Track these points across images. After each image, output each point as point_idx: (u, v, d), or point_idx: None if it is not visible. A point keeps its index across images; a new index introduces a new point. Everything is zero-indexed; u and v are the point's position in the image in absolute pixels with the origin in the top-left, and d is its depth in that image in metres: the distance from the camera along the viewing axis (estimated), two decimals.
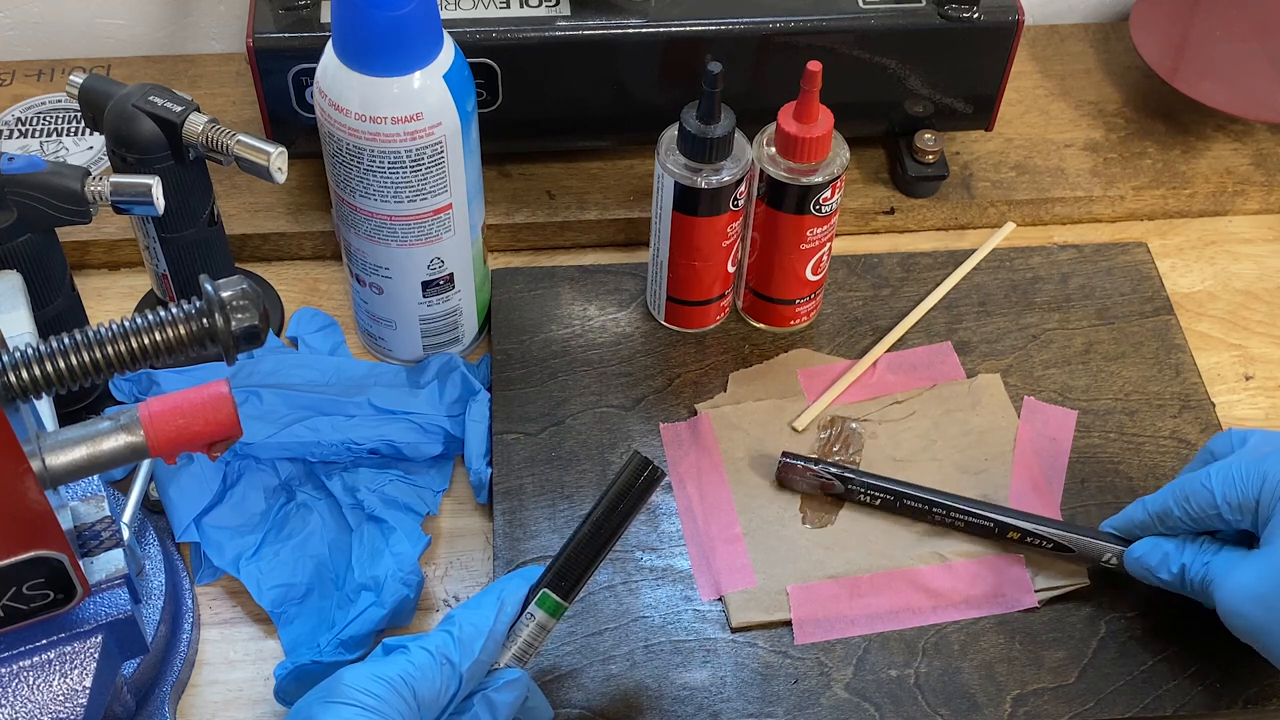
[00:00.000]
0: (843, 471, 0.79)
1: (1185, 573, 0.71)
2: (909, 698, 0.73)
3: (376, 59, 0.73)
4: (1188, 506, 0.71)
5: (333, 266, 0.94)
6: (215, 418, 0.55)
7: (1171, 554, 0.72)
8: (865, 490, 0.79)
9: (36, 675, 0.59)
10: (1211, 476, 0.71)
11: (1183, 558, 0.72)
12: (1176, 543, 0.73)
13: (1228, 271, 0.97)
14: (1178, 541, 0.73)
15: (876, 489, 0.79)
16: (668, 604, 0.76)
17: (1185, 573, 0.71)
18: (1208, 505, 0.70)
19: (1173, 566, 0.72)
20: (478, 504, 0.82)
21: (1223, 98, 0.96)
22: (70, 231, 0.88)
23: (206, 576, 0.78)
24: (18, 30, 1.03)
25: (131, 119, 0.76)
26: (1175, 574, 0.72)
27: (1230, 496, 0.69)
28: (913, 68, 0.91)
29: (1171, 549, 0.72)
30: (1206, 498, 0.70)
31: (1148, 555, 0.73)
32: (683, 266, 0.84)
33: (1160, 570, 0.73)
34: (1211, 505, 0.70)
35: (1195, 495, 0.71)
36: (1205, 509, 0.70)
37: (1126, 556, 0.74)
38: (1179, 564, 0.72)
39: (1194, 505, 0.71)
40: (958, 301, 0.91)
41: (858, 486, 0.79)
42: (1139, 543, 0.74)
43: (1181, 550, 0.72)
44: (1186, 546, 0.72)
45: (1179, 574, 0.72)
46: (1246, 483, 0.69)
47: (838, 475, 0.79)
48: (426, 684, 0.61)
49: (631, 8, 0.88)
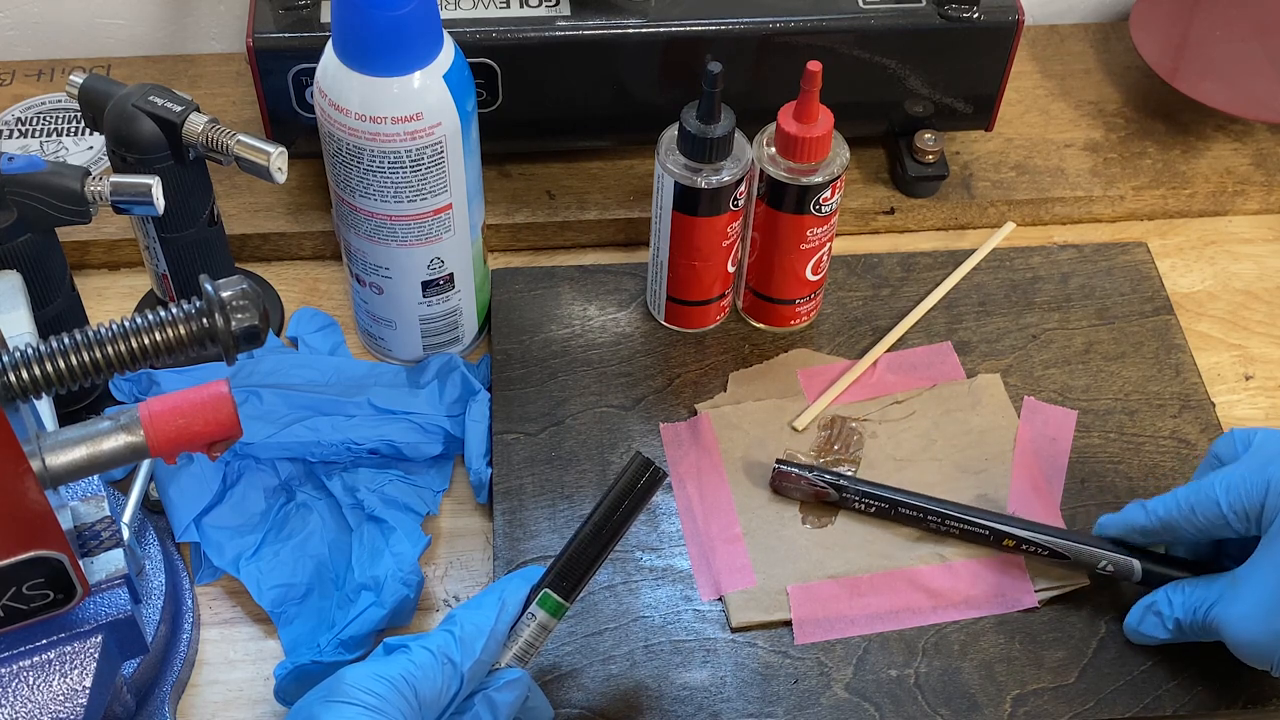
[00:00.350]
0: (837, 479, 0.79)
1: (1181, 625, 0.72)
2: (909, 698, 0.73)
3: (376, 59, 0.73)
4: (1194, 518, 0.71)
5: (333, 266, 0.94)
6: (215, 418, 0.55)
7: (1164, 613, 0.72)
8: (860, 498, 0.79)
9: (36, 675, 0.59)
10: (1216, 486, 0.70)
11: (1174, 613, 0.72)
12: (1164, 597, 0.73)
13: (1228, 271, 0.97)
14: (1164, 597, 0.73)
15: (871, 497, 0.78)
16: (668, 604, 0.76)
17: (1181, 625, 0.72)
18: (1214, 516, 0.70)
19: (1168, 625, 0.72)
20: (478, 504, 0.82)
21: (1223, 98, 0.96)
22: (70, 231, 0.88)
23: (206, 576, 0.78)
24: (18, 30, 1.03)
25: (131, 119, 0.76)
26: (1172, 630, 0.72)
27: (1235, 505, 0.69)
28: (913, 68, 0.91)
29: (1162, 607, 0.72)
30: (1213, 509, 0.70)
31: (1144, 623, 0.73)
32: (683, 266, 0.84)
33: (1159, 633, 0.73)
34: (1219, 516, 0.70)
35: (1202, 507, 0.71)
36: (1212, 520, 0.70)
37: (1126, 629, 0.75)
38: (1173, 620, 0.72)
39: (1201, 517, 0.71)
40: (958, 301, 0.91)
41: (852, 494, 0.79)
42: (1131, 613, 0.74)
43: (1170, 605, 0.72)
44: (1173, 599, 0.72)
45: (1175, 630, 0.72)
46: (1251, 490, 0.69)
47: (832, 483, 0.79)
48: (428, 683, 0.61)
49: (631, 8, 0.88)
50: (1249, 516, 0.69)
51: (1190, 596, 0.71)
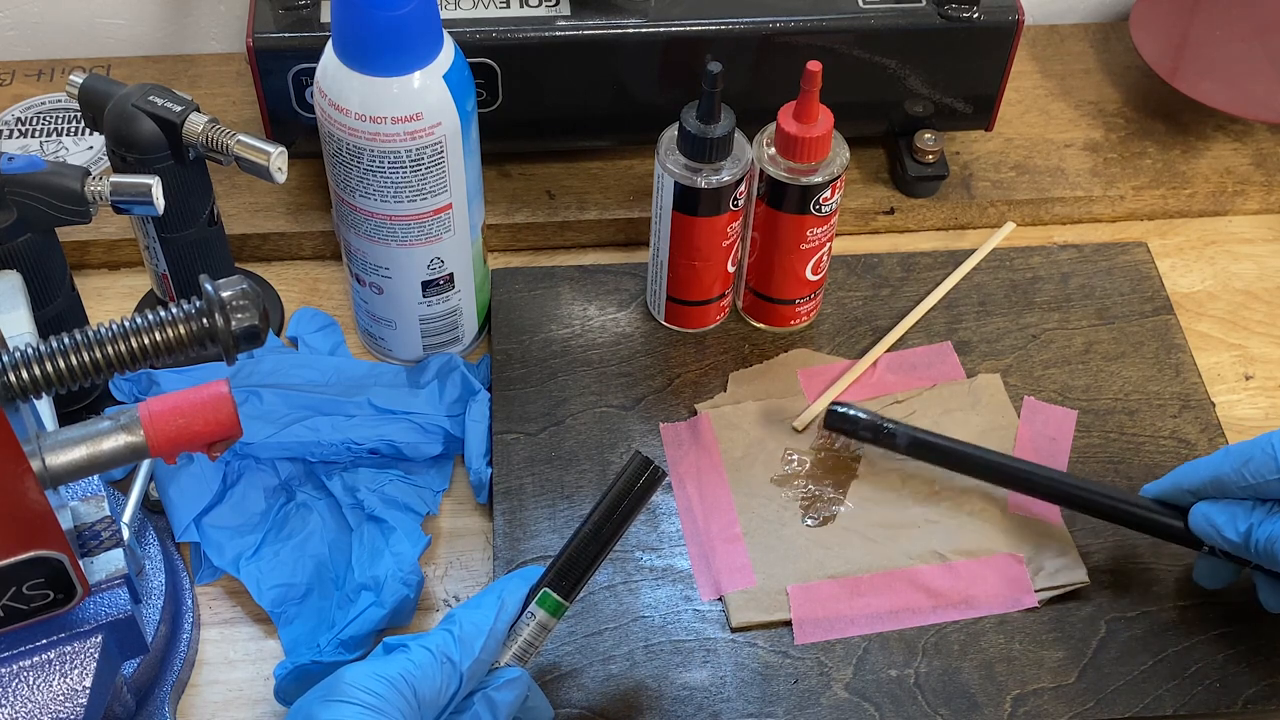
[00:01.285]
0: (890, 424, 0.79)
1: (1252, 533, 0.70)
2: (909, 698, 0.73)
3: (376, 59, 0.73)
4: (1246, 471, 0.70)
5: (333, 266, 0.94)
6: (215, 418, 0.55)
7: (1239, 514, 0.71)
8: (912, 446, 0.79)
9: (36, 675, 0.59)
10: (1274, 441, 0.69)
11: (1251, 518, 0.70)
12: (1244, 505, 0.71)
13: (1228, 271, 0.97)
14: (1245, 504, 0.71)
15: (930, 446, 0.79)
16: (668, 604, 0.76)
17: (1252, 533, 0.70)
18: (1269, 469, 0.69)
19: (1240, 525, 0.71)
20: (478, 504, 0.82)
21: (1223, 98, 0.96)
22: (70, 231, 0.88)
23: (206, 576, 0.78)
24: (18, 30, 1.03)
25: (131, 119, 0.76)
26: (1243, 533, 0.71)
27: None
28: (913, 68, 0.91)
29: (1239, 509, 0.71)
30: (1268, 460, 0.69)
31: (1215, 513, 0.72)
32: (683, 266, 0.84)
33: (1227, 528, 0.71)
34: (1274, 468, 0.69)
35: (1256, 459, 0.70)
36: (1266, 472, 0.69)
37: (1192, 512, 0.73)
38: (1246, 524, 0.70)
39: (1253, 470, 0.70)
40: (958, 301, 0.91)
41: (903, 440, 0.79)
42: (1205, 501, 0.73)
43: (1249, 513, 0.71)
44: (1255, 509, 0.71)
45: (1246, 533, 0.70)
46: None
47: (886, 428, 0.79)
48: (427, 682, 0.61)
49: (631, 8, 0.88)
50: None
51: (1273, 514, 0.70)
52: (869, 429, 0.80)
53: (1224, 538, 0.71)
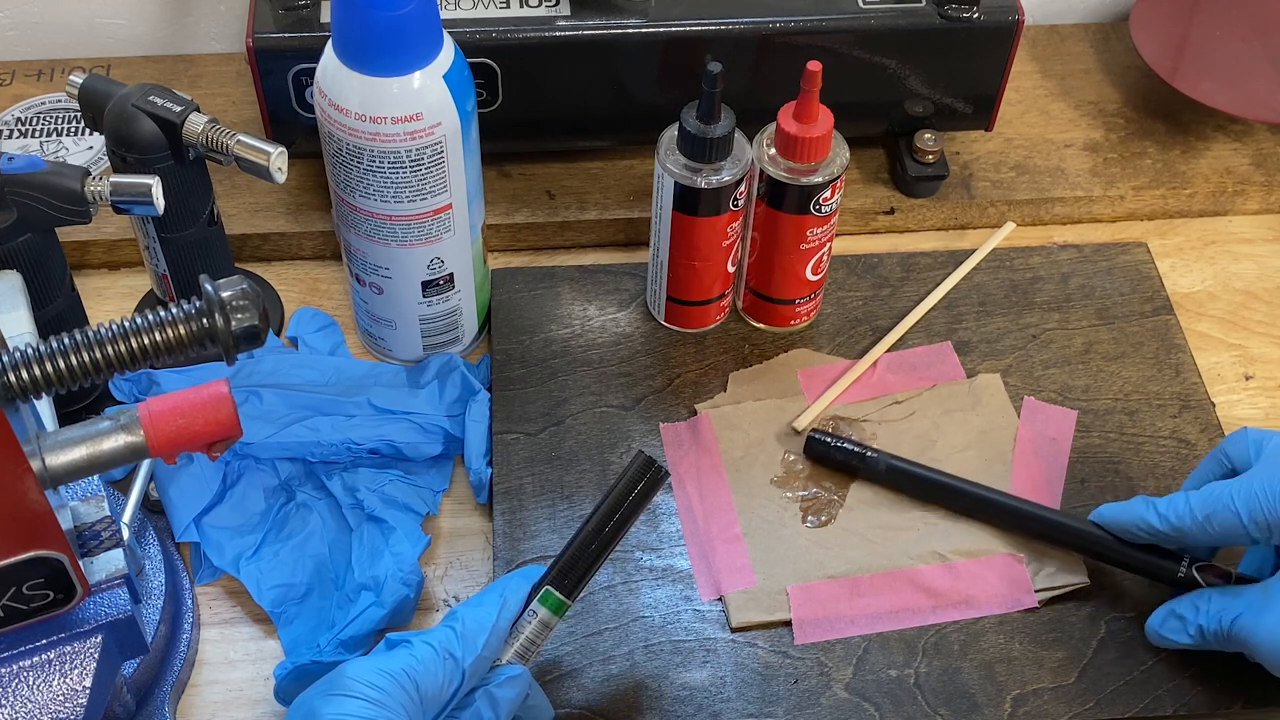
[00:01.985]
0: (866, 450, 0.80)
1: (1204, 631, 0.71)
2: (909, 698, 0.73)
3: (376, 59, 0.73)
4: (1210, 527, 0.70)
5: (333, 266, 0.94)
6: (215, 418, 0.55)
7: (1187, 618, 0.72)
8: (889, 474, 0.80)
9: (36, 675, 0.59)
10: (1234, 497, 0.69)
11: (1198, 619, 0.71)
12: (1189, 604, 0.72)
13: (1228, 271, 0.97)
14: (1189, 602, 0.72)
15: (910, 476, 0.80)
16: (668, 604, 0.76)
17: (1204, 631, 0.71)
18: (1232, 526, 0.69)
19: (1190, 630, 0.71)
20: (478, 504, 0.82)
21: (1223, 98, 0.96)
22: (70, 231, 0.88)
23: (206, 576, 0.78)
24: (18, 30, 1.03)
25: (131, 119, 0.76)
26: (1194, 635, 0.71)
27: (1257, 515, 0.68)
28: (913, 68, 0.91)
29: (1186, 612, 0.72)
30: (1232, 519, 0.69)
31: (1166, 625, 0.73)
32: (683, 266, 0.84)
33: (1180, 637, 0.72)
34: (1237, 526, 0.69)
35: (1218, 516, 0.70)
36: (1229, 529, 0.69)
37: (1147, 630, 0.74)
38: (1195, 626, 0.71)
39: (1216, 525, 0.70)
40: (958, 301, 0.91)
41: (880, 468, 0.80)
42: (1154, 615, 0.74)
43: (1195, 611, 0.71)
44: (1199, 606, 0.71)
45: (1198, 634, 0.71)
46: (1273, 500, 0.68)
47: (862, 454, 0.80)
48: (429, 678, 0.61)
49: (631, 8, 0.88)
50: (1270, 527, 0.68)
51: (1217, 604, 0.70)
52: (849, 458, 0.80)
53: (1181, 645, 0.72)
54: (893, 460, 0.80)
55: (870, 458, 0.80)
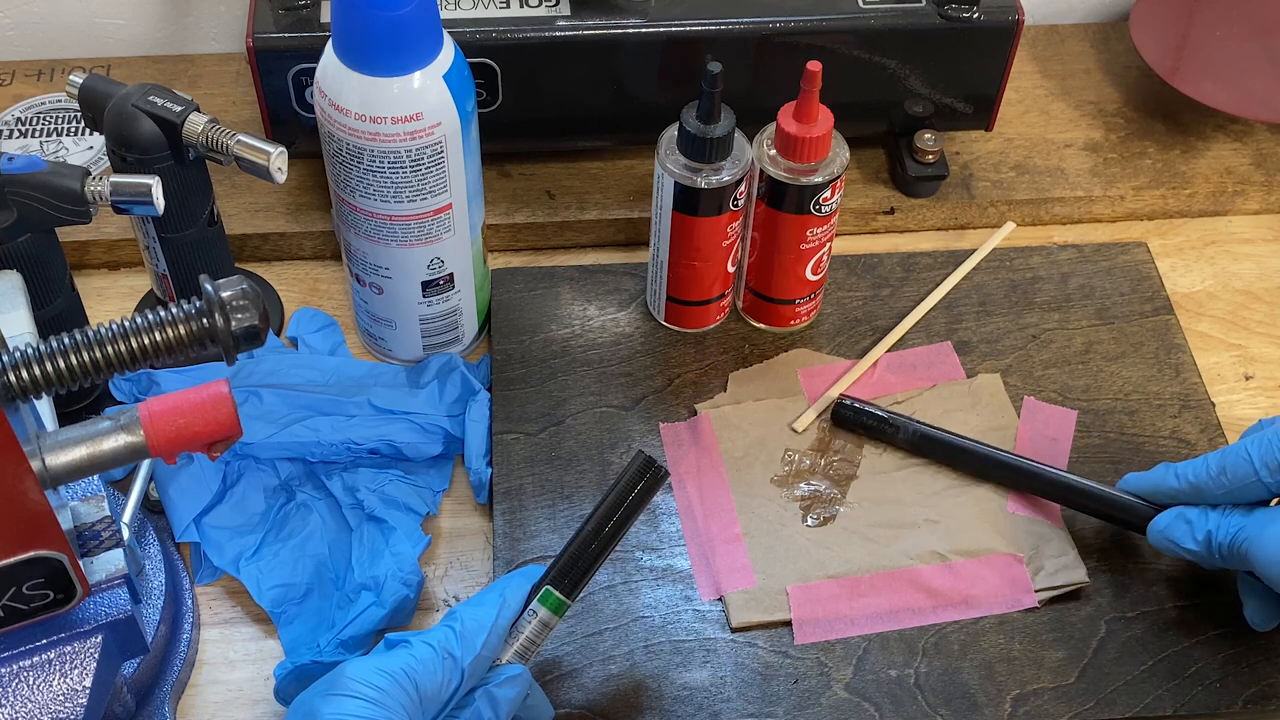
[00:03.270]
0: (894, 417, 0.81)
1: (1211, 539, 0.71)
2: (909, 698, 0.73)
3: (376, 59, 0.73)
4: (1224, 478, 0.71)
5: (333, 266, 0.94)
6: (215, 418, 0.55)
7: (1195, 522, 0.72)
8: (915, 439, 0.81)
9: (36, 675, 0.59)
10: (1248, 445, 0.70)
11: (1207, 525, 0.71)
12: (1199, 511, 0.72)
13: (1228, 271, 0.97)
14: (1200, 510, 0.72)
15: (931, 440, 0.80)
16: (668, 604, 0.76)
17: (1211, 539, 0.71)
18: (1245, 473, 0.70)
19: (1198, 534, 0.71)
20: (478, 504, 0.82)
21: (1223, 98, 0.96)
22: (70, 231, 0.88)
23: (206, 576, 0.78)
24: (18, 30, 1.03)
25: (131, 119, 0.76)
26: (1201, 541, 0.71)
27: (1269, 458, 0.69)
28: (913, 68, 0.91)
29: (1195, 517, 0.72)
30: (1244, 465, 0.70)
31: (1171, 527, 0.73)
32: (683, 266, 0.84)
33: (1185, 540, 0.72)
34: (1249, 472, 0.69)
35: (1232, 465, 0.70)
36: (1243, 477, 0.70)
37: (1150, 530, 0.74)
38: (1204, 530, 0.71)
39: (1230, 475, 0.70)
40: (958, 301, 0.91)
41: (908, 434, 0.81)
42: (1161, 515, 0.74)
43: (1205, 518, 0.71)
44: (1210, 514, 0.72)
45: (1205, 541, 0.71)
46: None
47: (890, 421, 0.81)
48: (429, 677, 0.61)
49: (631, 8, 0.88)
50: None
51: (1225, 518, 0.71)
52: (875, 423, 0.81)
53: (1185, 550, 0.72)
54: (920, 426, 0.81)
55: (898, 423, 0.81)
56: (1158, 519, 0.74)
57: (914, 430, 0.81)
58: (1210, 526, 0.71)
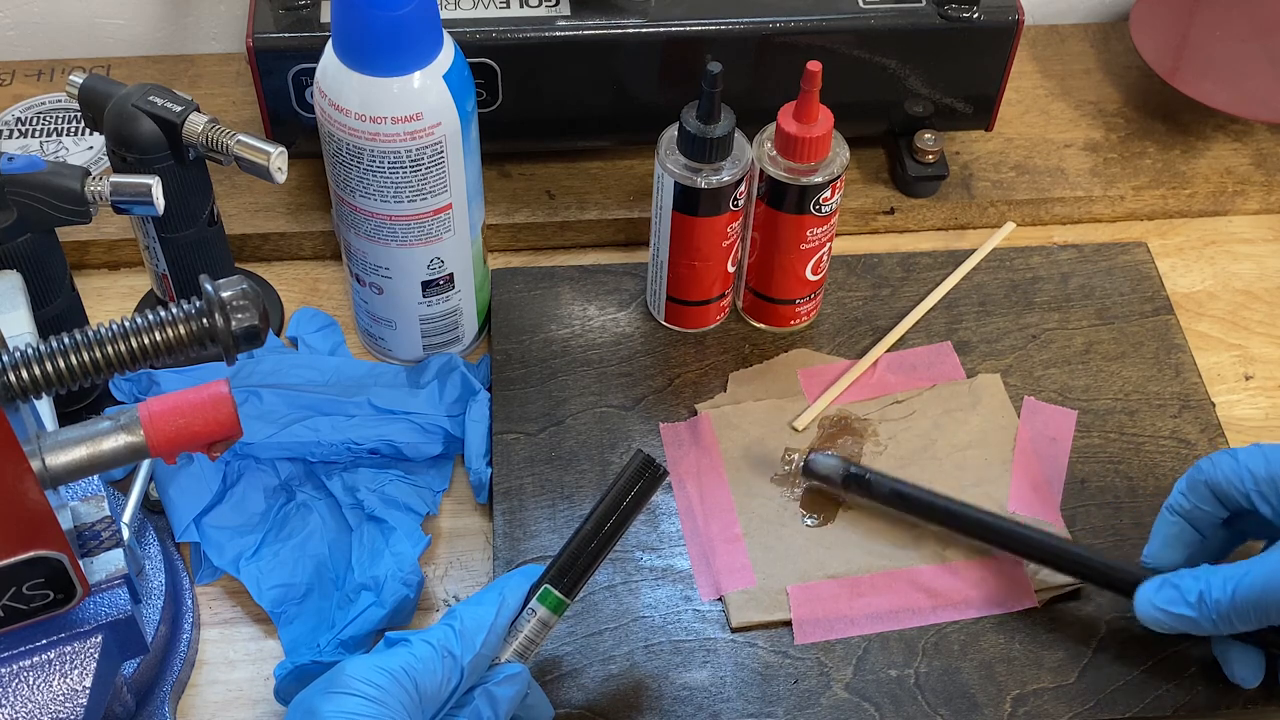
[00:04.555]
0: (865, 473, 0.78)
1: (1205, 601, 0.67)
2: (909, 698, 0.73)
3: (376, 59, 0.73)
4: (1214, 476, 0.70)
5: (333, 266, 0.94)
6: (215, 418, 0.55)
7: (1183, 585, 0.69)
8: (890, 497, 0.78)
9: (36, 675, 0.59)
10: (1235, 451, 0.70)
11: (1198, 585, 0.68)
12: (1187, 574, 0.69)
13: (1228, 271, 0.97)
14: (1187, 573, 0.69)
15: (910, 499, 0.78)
16: (668, 604, 0.76)
17: (1205, 601, 0.67)
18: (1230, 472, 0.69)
19: (1189, 598, 0.68)
20: (478, 504, 0.82)
21: (1223, 98, 0.96)
22: (70, 231, 0.88)
23: (206, 576, 0.78)
24: (18, 30, 1.03)
25: (131, 119, 0.76)
26: (1193, 606, 0.68)
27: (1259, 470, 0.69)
28: (913, 68, 0.91)
29: (1182, 581, 0.69)
30: (1229, 463, 0.70)
31: (1158, 594, 0.69)
32: (683, 266, 0.84)
33: (1177, 607, 0.69)
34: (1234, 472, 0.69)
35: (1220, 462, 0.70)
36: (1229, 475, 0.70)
37: (1137, 601, 0.70)
38: (1196, 594, 0.68)
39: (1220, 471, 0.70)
40: (958, 301, 0.91)
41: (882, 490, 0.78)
42: (1148, 583, 0.70)
43: (1195, 579, 0.68)
44: (1198, 575, 0.68)
45: (1198, 605, 0.68)
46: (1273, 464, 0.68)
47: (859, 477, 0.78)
48: (428, 675, 0.61)
49: (631, 8, 0.88)
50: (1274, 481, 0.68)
51: (1220, 573, 0.67)
52: (846, 479, 0.79)
53: (1178, 616, 0.69)
54: (895, 484, 0.78)
55: (871, 480, 0.78)
56: (1144, 586, 0.70)
57: (888, 488, 0.78)
58: (1201, 586, 0.67)
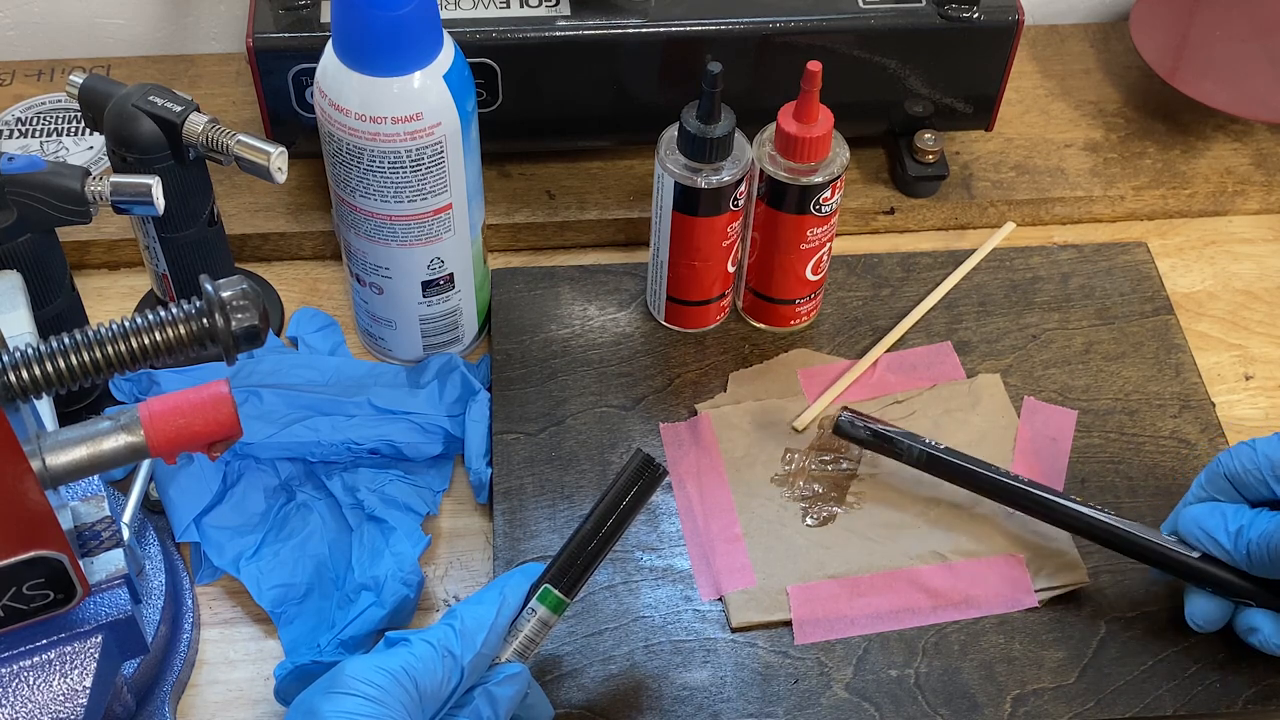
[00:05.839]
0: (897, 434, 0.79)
1: (1243, 533, 0.70)
2: (909, 698, 0.73)
3: (376, 59, 0.73)
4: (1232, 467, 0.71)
5: (333, 266, 0.94)
6: (215, 418, 0.55)
7: (1230, 514, 0.71)
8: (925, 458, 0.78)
9: (36, 675, 0.59)
10: (1253, 441, 0.71)
11: (1241, 519, 0.71)
12: (1235, 506, 0.72)
13: (1228, 271, 0.97)
14: (1236, 506, 0.72)
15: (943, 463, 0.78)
16: (668, 604, 0.76)
17: (1243, 533, 0.70)
18: (1249, 462, 0.71)
19: (1230, 525, 0.71)
20: (478, 504, 0.82)
21: (1223, 98, 0.96)
22: (70, 231, 0.88)
23: (206, 576, 0.78)
24: (18, 30, 1.03)
25: (131, 119, 0.76)
26: (1233, 533, 0.71)
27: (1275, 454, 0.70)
28: (913, 68, 0.91)
29: (1230, 510, 0.72)
30: (1248, 453, 0.71)
31: (1206, 516, 0.72)
32: (683, 266, 0.84)
33: (1218, 530, 0.71)
34: (1253, 461, 0.70)
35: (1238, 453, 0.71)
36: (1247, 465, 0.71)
37: (1183, 517, 0.73)
38: (1238, 524, 0.71)
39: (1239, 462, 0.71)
40: (958, 301, 0.91)
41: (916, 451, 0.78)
42: (1197, 505, 0.73)
43: (1240, 512, 0.71)
44: (1245, 510, 0.71)
45: (1235, 534, 0.70)
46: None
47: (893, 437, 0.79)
48: (428, 675, 0.61)
49: (631, 8, 0.88)
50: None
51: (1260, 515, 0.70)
52: (878, 440, 0.79)
53: (1215, 541, 0.72)
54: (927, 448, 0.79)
55: (903, 444, 0.79)
56: (1193, 507, 0.73)
57: (919, 451, 0.78)
58: (1244, 521, 0.71)
